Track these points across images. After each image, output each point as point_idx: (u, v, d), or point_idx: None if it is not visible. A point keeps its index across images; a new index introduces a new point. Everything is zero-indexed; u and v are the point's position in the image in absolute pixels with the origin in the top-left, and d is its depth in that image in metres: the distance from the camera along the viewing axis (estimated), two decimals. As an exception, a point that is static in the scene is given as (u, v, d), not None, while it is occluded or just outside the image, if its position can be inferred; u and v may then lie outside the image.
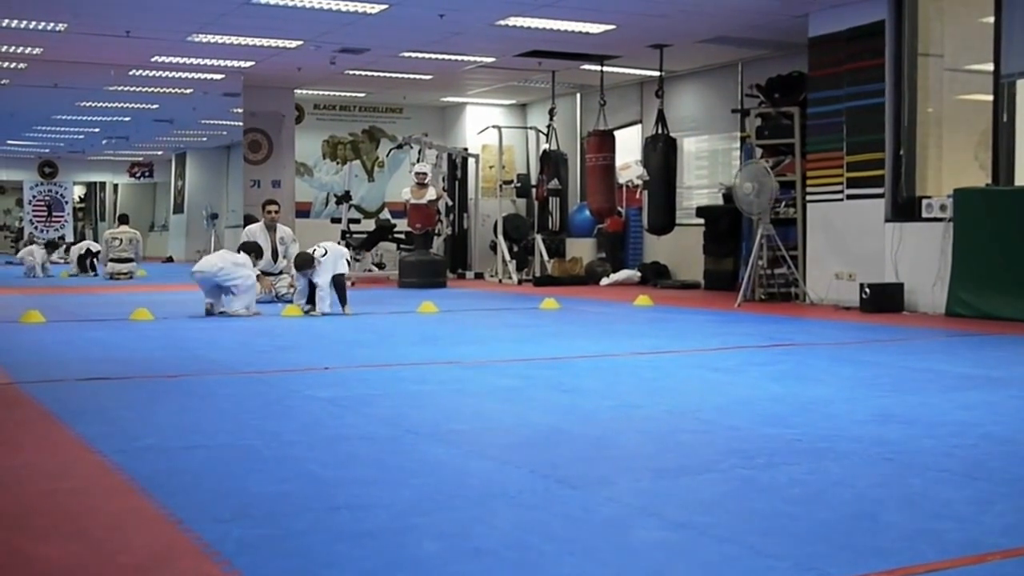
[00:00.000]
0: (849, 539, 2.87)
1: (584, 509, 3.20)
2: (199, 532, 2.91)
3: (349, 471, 3.73)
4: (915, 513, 3.14)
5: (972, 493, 3.39)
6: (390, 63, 15.52)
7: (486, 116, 19.59)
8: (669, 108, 15.37)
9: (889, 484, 3.53)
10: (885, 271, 11.01)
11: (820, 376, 6.17)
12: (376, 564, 2.68)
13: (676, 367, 6.61)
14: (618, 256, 16.84)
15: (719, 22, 12.55)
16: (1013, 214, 9.86)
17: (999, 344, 8.00)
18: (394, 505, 3.23)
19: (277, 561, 2.71)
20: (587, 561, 2.71)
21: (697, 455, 4.00)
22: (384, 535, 2.91)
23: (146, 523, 3.07)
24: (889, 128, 11.25)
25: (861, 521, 3.04)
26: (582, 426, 4.58)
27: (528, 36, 13.32)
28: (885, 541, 2.85)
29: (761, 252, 11.97)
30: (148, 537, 2.94)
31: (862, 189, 11.47)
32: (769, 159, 12.93)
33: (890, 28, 11.20)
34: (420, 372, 6.24)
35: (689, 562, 2.70)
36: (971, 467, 3.75)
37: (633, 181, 15.94)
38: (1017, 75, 10.32)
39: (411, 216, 15.68)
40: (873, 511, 3.16)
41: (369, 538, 2.89)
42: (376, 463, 3.85)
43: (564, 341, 8.10)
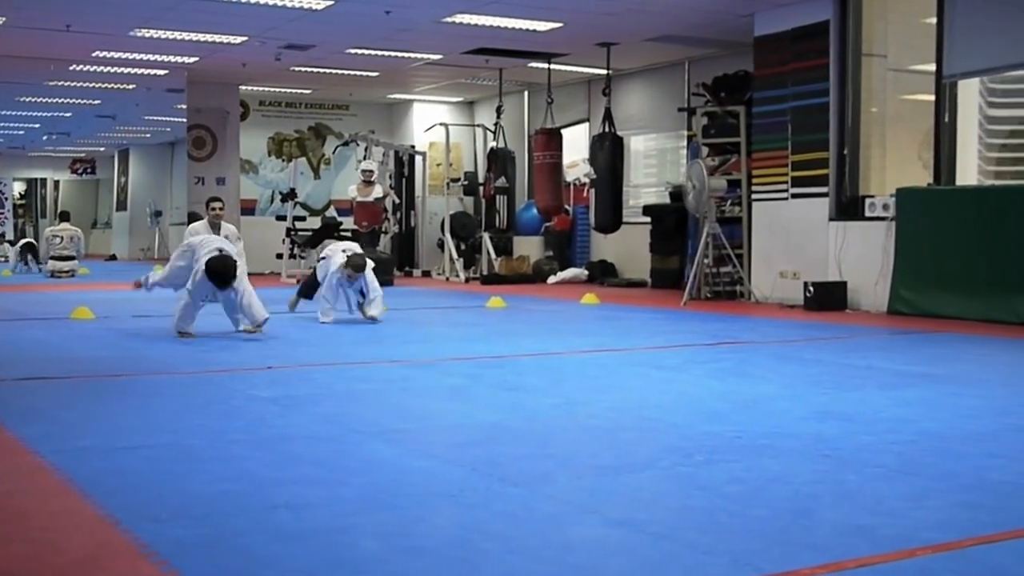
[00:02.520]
0: (784, 535, 2.91)
1: (525, 507, 3.22)
2: (136, 532, 2.89)
3: (291, 470, 3.71)
4: (850, 508, 3.19)
5: (906, 488, 3.44)
6: (336, 60, 15.44)
7: (433, 113, 19.55)
8: (616, 106, 15.43)
9: (825, 480, 3.57)
10: (829, 270, 11.14)
11: (762, 374, 6.23)
12: (314, 563, 2.67)
13: (620, 365, 6.64)
14: (565, 254, 16.89)
15: (666, 21, 12.62)
16: (954, 213, 10.02)
17: (938, 342, 8.13)
18: (335, 504, 3.22)
19: (215, 561, 2.70)
20: (526, 558, 2.72)
21: (638, 452, 4.03)
22: (323, 534, 2.90)
23: (83, 524, 3.04)
24: (833, 127, 11.38)
25: (797, 517, 3.08)
26: (525, 424, 4.59)
27: (475, 33, 13.31)
28: (819, 536, 2.89)
29: (707, 251, 12.06)
30: (84, 538, 2.90)
31: (806, 188, 11.59)
32: (715, 158, 13.04)
33: (834, 28, 11.33)
34: (365, 371, 6.22)
35: (626, 559, 2.72)
36: (906, 463, 3.81)
37: (580, 179, 16.00)
38: (959, 76, 10.48)
39: (357, 214, 15.62)
40: (809, 507, 3.20)
41: (308, 537, 2.88)
42: (318, 462, 3.84)
43: (510, 339, 8.11)
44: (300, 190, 18.05)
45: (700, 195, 11.90)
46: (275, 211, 18.51)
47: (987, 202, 9.88)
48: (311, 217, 18.29)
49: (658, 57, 15.10)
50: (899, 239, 10.43)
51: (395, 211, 17.42)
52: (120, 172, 31.34)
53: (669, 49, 14.37)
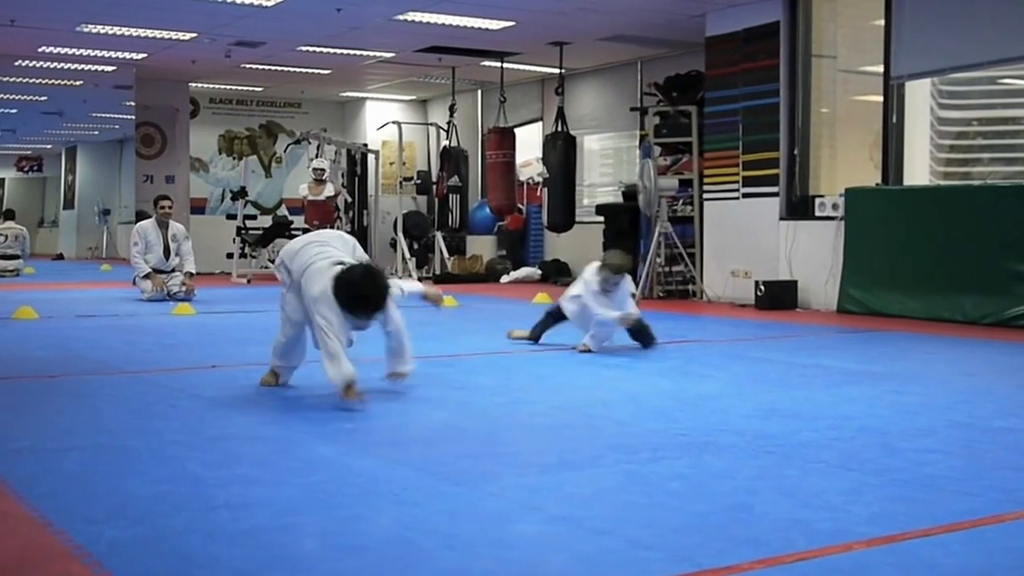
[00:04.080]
0: (724, 530, 2.91)
1: (467, 505, 3.20)
2: (70, 534, 2.84)
3: (231, 470, 3.67)
4: (789, 504, 3.21)
5: (845, 484, 3.47)
6: (287, 57, 15.33)
7: (386, 112, 19.48)
8: (570, 106, 15.46)
9: (767, 476, 3.59)
10: (779, 269, 11.22)
11: (710, 372, 6.26)
12: (252, 563, 2.64)
13: (569, 364, 6.65)
14: (518, 254, 16.89)
15: (618, 20, 12.66)
16: (901, 213, 10.13)
17: (885, 340, 8.21)
18: (275, 504, 3.19)
19: (150, 561, 2.66)
20: (466, 556, 2.71)
21: (582, 450, 4.03)
22: (262, 534, 2.88)
23: (15, 525, 2.98)
24: (784, 128, 11.47)
25: (737, 512, 3.10)
26: (471, 423, 4.57)
27: (427, 31, 13.27)
28: (758, 531, 2.90)
29: (659, 250, 12.11)
30: (16, 540, 2.86)
31: (757, 188, 11.68)
32: (667, 157, 13.10)
33: (785, 29, 11.42)
34: (311, 370, 6.16)
35: (566, 555, 2.72)
36: (846, 458, 3.84)
37: (533, 178, 16.04)
38: (907, 77, 10.61)
39: (309, 213, 15.53)
40: (749, 502, 3.21)
41: (247, 537, 2.85)
42: (260, 462, 3.80)
43: (460, 338, 8.09)
44: (251, 189, 17.93)
45: (651, 194, 11.94)
46: (225, 210, 18.36)
47: (934, 202, 10.00)
48: (262, 216, 18.13)
49: (611, 56, 15.14)
50: (848, 239, 10.53)
51: (347, 210, 17.32)
52: (67, 170, 30.94)
53: (622, 49, 14.41)
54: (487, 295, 13.03)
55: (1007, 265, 9.11)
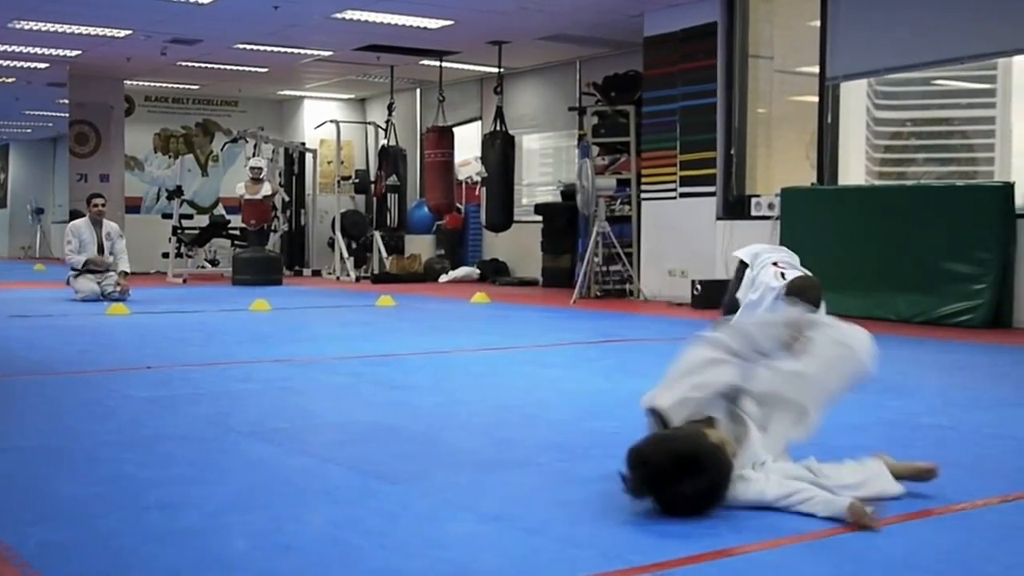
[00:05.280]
0: (655, 527, 2.94)
1: (401, 504, 3.20)
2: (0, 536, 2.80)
3: (165, 471, 3.64)
4: (720, 500, 3.24)
5: (776, 480, 3.51)
6: (224, 55, 15.19)
7: (324, 110, 19.39)
8: (509, 105, 15.48)
9: (699, 473, 3.62)
10: (716, 268, 11.33)
11: (646, 371, 6.27)
12: (183, 563, 2.63)
13: (507, 363, 6.67)
14: (457, 253, 16.89)
15: (557, 20, 12.70)
16: (836, 213, 10.28)
17: (817, 337, 8.31)
18: (208, 504, 3.17)
19: (80, 562, 2.64)
20: (398, 555, 2.71)
21: (517, 449, 4.05)
22: (194, 534, 2.86)
23: (-59, 529, 2.93)
24: (720, 128, 11.60)
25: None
26: (407, 422, 4.57)
27: (366, 30, 13.23)
28: (688, 528, 2.93)
29: (596, 249, 12.18)
30: (-59, 544, 2.80)
31: (694, 187, 11.79)
32: (605, 157, 13.18)
33: (722, 30, 11.54)
34: (247, 370, 6.13)
35: (497, 553, 2.73)
36: (778, 455, 3.88)
37: (472, 178, 16.04)
38: (842, 78, 10.77)
39: (246, 212, 15.41)
40: (681, 499, 3.24)
41: (179, 537, 2.83)
42: (193, 462, 3.77)
43: (397, 338, 8.07)
44: (187, 187, 17.74)
45: (589, 194, 12.01)
46: (161, 209, 18.16)
47: (868, 202, 10.17)
48: (198, 215, 17.94)
49: (550, 56, 15.19)
50: (783, 238, 10.65)
51: (285, 209, 17.22)
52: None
53: (561, 48, 14.47)
54: (425, 295, 13.02)
55: (939, 264, 9.29)
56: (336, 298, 12.59)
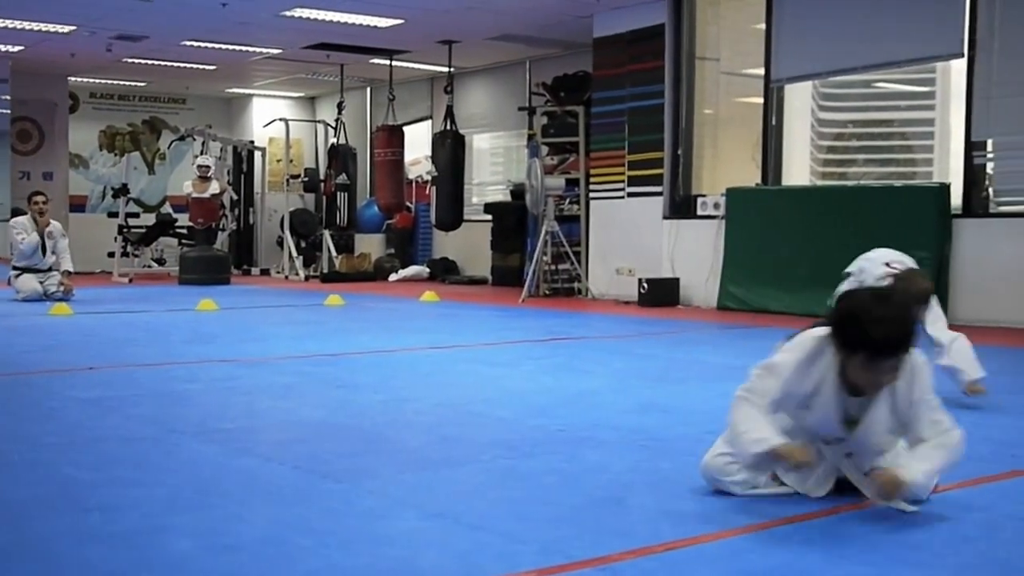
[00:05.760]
0: (596, 522, 2.98)
1: (345, 502, 3.21)
2: (-65, 540, 2.77)
3: (106, 473, 3.61)
4: (661, 495, 3.29)
5: (716, 475, 3.56)
6: (171, 52, 15.04)
7: (273, 109, 19.26)
8: (459, 104, 15.48)
9: (641, 469, 3.67)
10: (662, 267, 11.43)
11: (592, 368, 6.36)
12: (124, 565, 2.62)
13: (453, 362, 6.68)
14: (407, 252, 16.87)
15: (507, 20, 12.72)
16: (779, 212, 10.42)
17: (762, 336, 8.41)
18: (149, 505, 3.16)
19: (19, 566, 2.62)
20: (342, 553, 2.72)
21: (462, 446, 4.06)
22: (135, 535, 2.85)
23: None
24: (668, 128, 11.69)
25: (609, 505, 3.17)
26: (352, 421, 4.57)
27: (315, 28, 13.17)
28: (629, 523, 2.98)
29: (545, 248, 12.23)
30: None
31: (642, 187, 11.87)
32: (555, 157, 13.23)
33: (669, 31, 11.64)
34: (192, 371, 6.09)
35: (440, 550, 2.75)
36: (719, 451, 3.94)
37: (422, 177, 16.03)
38: (786, 80, 10.91)
39: (193, 210, 15.28)
40: (622, 495, 3.29)
41: (119, 539, 2.82)
42: (135, 464, 3.75)
43: (345, 337, 8.05)
44: (134, 186, 17.53)
45: (538, 193, 12.05)
46: (107, 208, 17.92)
47: (810, 201, 10.32)
48: (145, 214, 17.75)
49: (500, 56, 15.21)
50: (728, 237, 10.78)
51: (233, 207, 17.09)
52: (-60, 165, 29.86)
53: (511, 48, 14.49)
54: (374, 294, 12.99)
55: (879, 263, 9.43)
56: (284, 297, 12.53)
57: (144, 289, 13.35)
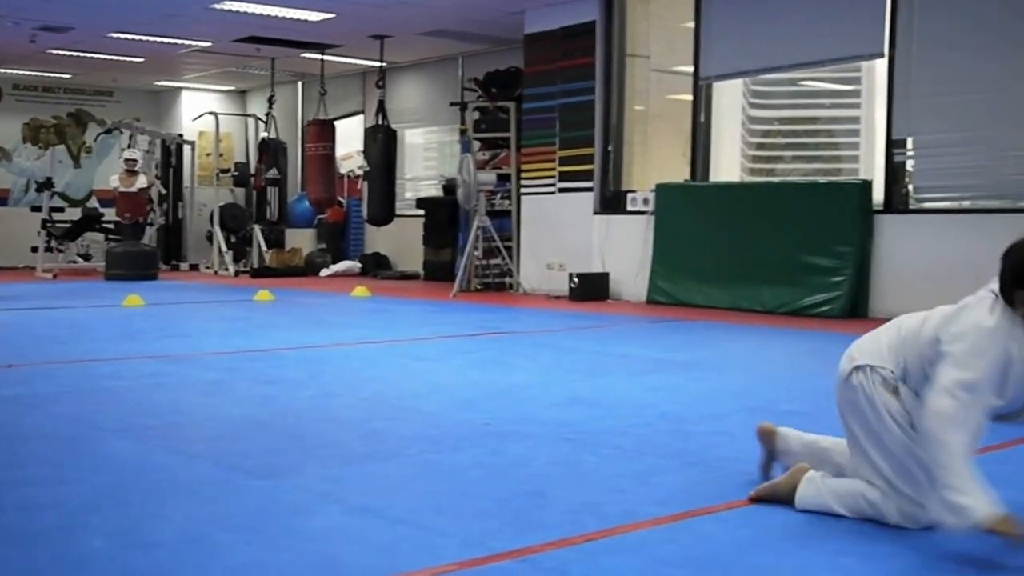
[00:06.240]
0: (518, 515, 3.01)
1: (268, 498, 3.21)
2: None
3: (23, 471, 3.57)
4: (583, 488, 3.33)
5: (638, 467, 3.62)
6: (97, 44, 14.79)
7: (203, 102, 19.02)
8: (392, 99, 15.44)
9: (564, 462, 3.71)
10: (593, 262, 11.51)
11: (520, 363, 6.40)
12: (41, 564, 2.59)
13: (383, 357, 6.68)
14: (339, 247, 16.77)
15: (439, 15, 12.70)
16: (707, 208, 10.55)
17: (689, 330, 8.54)
18: (68, 504, 3.13)
19: (-70, 568, 2.58)
20: (263, 549, 2.72)
21: (388, 441, 4.07)
22: (53, 534, 2.82)
23: None
24: (599, 125, 11.76)
25: (532, 498, 3.20)
26: (278, 417, 4.56)
27: (246, 21, 13.03)
28: (551, 515, 3.01)
29: (477, 243, 12.25)
30: None
31: (573, 183, 11.94)
32: (486, 152, 13.25)
33: (600, 28, 11.71)
34: (116, 367, 6.02)
35: (363, 545, 2.76)
36: (641, 444, 4.00)
37: (354, 171, 15.96)
38: (714, 78, 11.04)
39: (120, 205, 15.04)
40: (545, 488, 3.32)
41: (36, 538, 2.79)
42: (54, 462, 3.70)
43: (274, 333, 8.00)
44: (58, 179, 17.19)
45: (470, 188, 12.07)
46: (30, 201, 17.58)
47: (737, 198, 10.46)
48: (70, 208, 17.44)
49: (432, 51, 15.19)
50: (657, 232, 10.89)
51: (161, 202, 16.85)
52: None
53: (443, 44, 14.47)
54: (305, 289, 12.91)
55: (802, 258, 9.61)
56: (213, 293, 12.41)
57: (69, 285, 13.13)
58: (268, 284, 12.79)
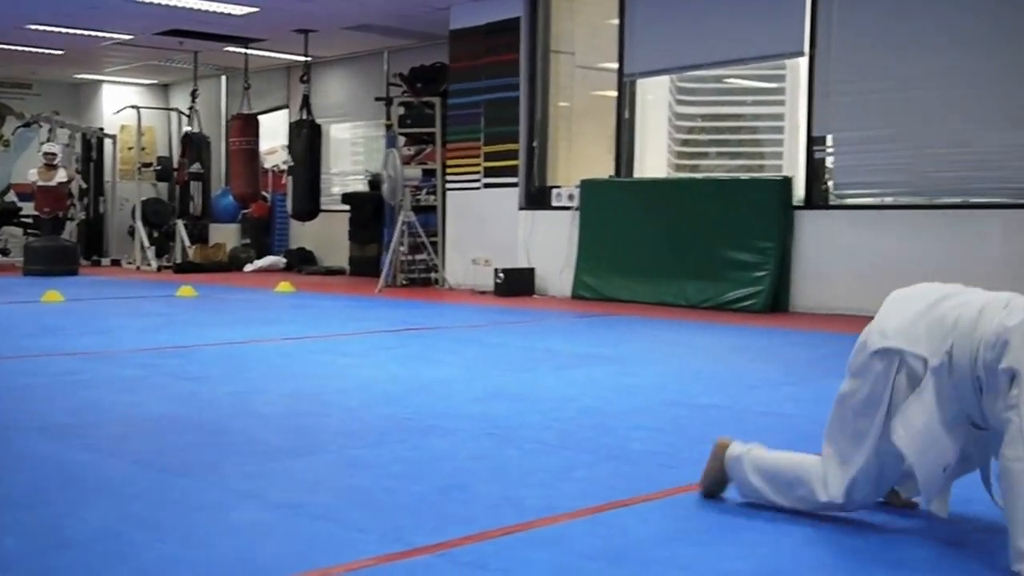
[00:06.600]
0: (438, 509, 3.02)
1: (185, 495, 3.18)
2: None
3: (-66, 470, 3.50)
4: (504, 482, 3.35)
5: (559, 461, 3.65)
6: (15, 35, 14.49)
7: (124, 96, 18.74)
8: (317, 94, 15.34)
9: (486, 456, 3.73)
10: (518, 257, 11.55)
11: (444, 358, 6.41)
12: (-51, 565, 2.55)
13: (306, 352, 6.64)
14: (263, 242, 16.63)
15: (364, 10, 12.64)
16: (631, 204, 10.65)
17: (613, 324, 8.61)
18: (-21, 503, 3.07)
19: None
20: (179, 547, 2.70)
21: (309, 437, 4.06)
22: (-38, 535, 2.77)
23: None
24: (523, 121, 11.82)
25: (452, 492, 3.21)
26: (198, 413, 4.52)
27: (168, 14, 12.86)
28: (471, 509, 3.03)
29: (402, 238, 12.23)
30: None
31: (498, 178, 11.97)
32: (412, 147, 13.23)
33: (525, 25, 11.76)
34: (33, 364, 5.92)
35: (280, 541, 2.75)
36: (563, 438, 4.03)
37: (279, 166, 15.84)
38: (639, 75, 11.14)
39: (39, 199, 14.77)
40: (466, 482, 3.34)
41: (-55, 540, 2.74)
42: (-34, 461, 3.64)
43: (196, 329, 7.91)
44: (-25, 173, 16.85)
45: (395, 183, 12.04)
46: (-55, 196, 17.19)
47: (661, 193, 10.58)
48: (-13, 202, 17.08)
49: (357, 46, 15.12)
50: (582, 228, 10.97)
51: (82, 196, 16.56)
52: None
53: (368, 39, 14.42)
54: (229, 284, 12.78)
55: (725, 253, 9.75)
56: (135, 288, 12.23)
57: (-15, 281, 12.87)
58: (191, 280, 12.64)
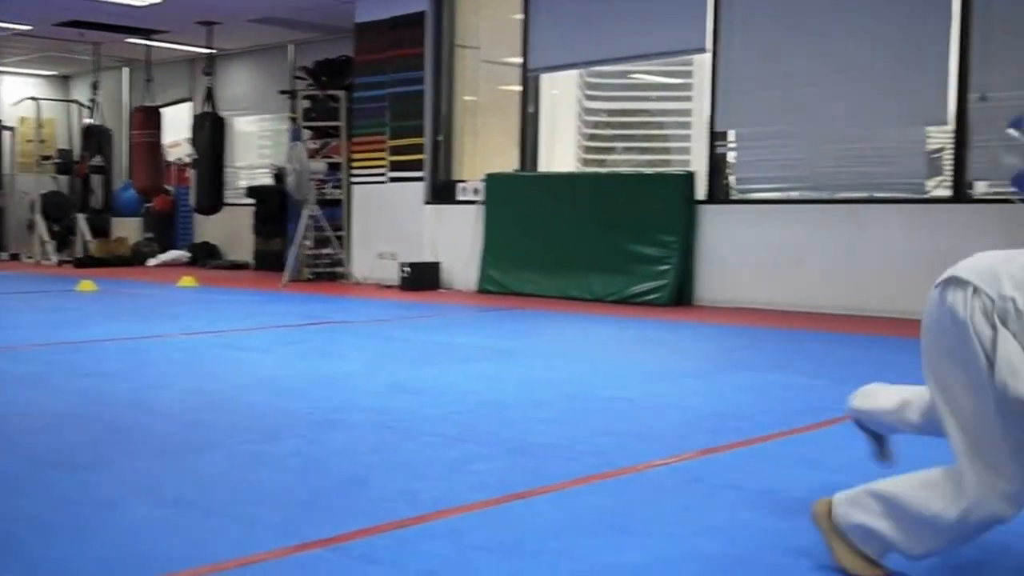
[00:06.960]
0: (334, 503, 3.04)
1: (79, 492, 3.15)
2: None
3: None
4: (401, 475, 3.37)
5: (457, 454, 3.68)
6: (-96, 23, 14.07)
7: (23, 87, 18.30)
8: (221, 87, 15.15)
9: (385, 450, 3.75)
10: (424, 251, 11.56)
11: (347, 352, 6.41)
12: None
13: (207, 348, 6.58)
14: (167, 236, 16.38)
15: (269, 2, 12.53)
16: (535, 198, 10.73)
17: (518, 318, 8.68)
18: None
19: None
20: (68, 544, 2.67)
21: (206, 432, 4.03)
22: None
23: None
24: (428, 115, 11.82)
25: (349, 486, 3.23)
26: (94, 410, 4.46)
27: (68, 5, 12.60)
28: (366, 503, 3.05)
29: (307, 232, 12.15)
30: None
31: (404, 172, 11.97)
32: (317, 141, 13.15)
33: (430, 19, 11.77)
34: (-78, 361, 5.78)
35: (172, 537, 2.74)
36: (462, 431, 4.07)
37: (182, 159, 15.61)
38: (542, 69, 11.22)
39: (-68, 192, 14.35)
40: (363, 476, 3.36)
41: None
42: None
43: (95, 324, 7.78)
44: None
45: (301, 177, 11.96)
46: None
47: (566, 187, 10.67)
48: None
49: (262, 39, 14.96)
50: (487, 222, 11.02)
51: (-22, 190, 16.16)
52: None
53: (273, 31, 14.28)
54: (131, 279, 12.57)
55: (629, 247, 9.88)
56: (34, 283, 11.97)
57: None
58: (92, 274, 12.40)
